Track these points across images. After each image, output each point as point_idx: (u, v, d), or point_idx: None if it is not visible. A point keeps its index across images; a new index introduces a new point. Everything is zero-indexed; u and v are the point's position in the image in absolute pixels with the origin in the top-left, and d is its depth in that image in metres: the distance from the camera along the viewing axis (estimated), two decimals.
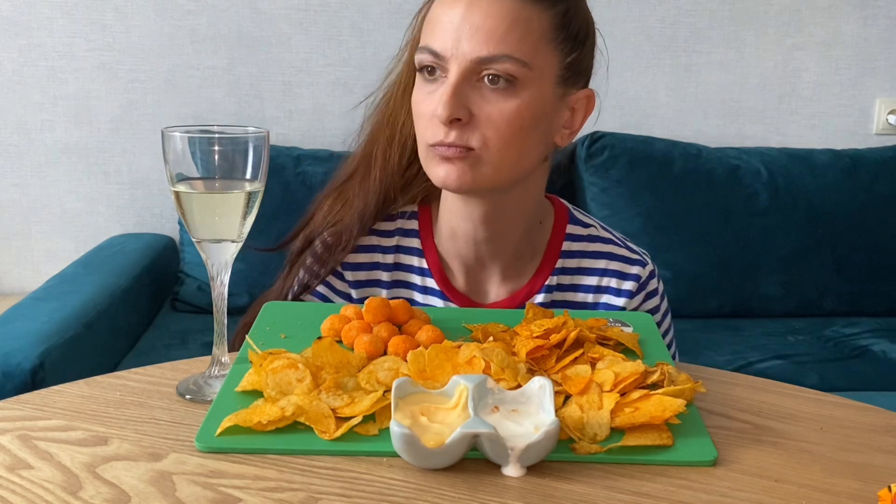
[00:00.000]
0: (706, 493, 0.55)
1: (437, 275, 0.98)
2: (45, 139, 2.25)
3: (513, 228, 0.96)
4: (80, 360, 1.57)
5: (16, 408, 0.64)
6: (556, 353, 0.70)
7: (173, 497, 0.52)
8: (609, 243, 1.00)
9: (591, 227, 1.01)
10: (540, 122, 0.87)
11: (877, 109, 2.49)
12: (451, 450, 0.55)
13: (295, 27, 2.27)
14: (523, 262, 0.99)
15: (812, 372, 1.89)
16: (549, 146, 0.92)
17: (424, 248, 0.99)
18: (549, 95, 0.87)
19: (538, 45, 0.85)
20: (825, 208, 2.26)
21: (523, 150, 0.87)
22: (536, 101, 0.86)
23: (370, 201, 0.97)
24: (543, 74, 0.86)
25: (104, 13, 2.21)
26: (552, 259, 0.99)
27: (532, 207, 0.97)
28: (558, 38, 0.87)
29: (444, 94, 0.84)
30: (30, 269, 2.33)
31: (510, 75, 0.84)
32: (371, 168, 0.98)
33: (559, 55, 0.87)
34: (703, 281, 2.18)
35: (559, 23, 0.87)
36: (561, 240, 0.99)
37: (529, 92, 0.85)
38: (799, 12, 2.40)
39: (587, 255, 1.00)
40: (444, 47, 0.85)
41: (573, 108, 0.92)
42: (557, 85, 0.88)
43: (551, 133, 0.91)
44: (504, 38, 0.83)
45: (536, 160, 0.91)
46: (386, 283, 1.00)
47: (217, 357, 0.70)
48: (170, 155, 0.65)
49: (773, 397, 0.72)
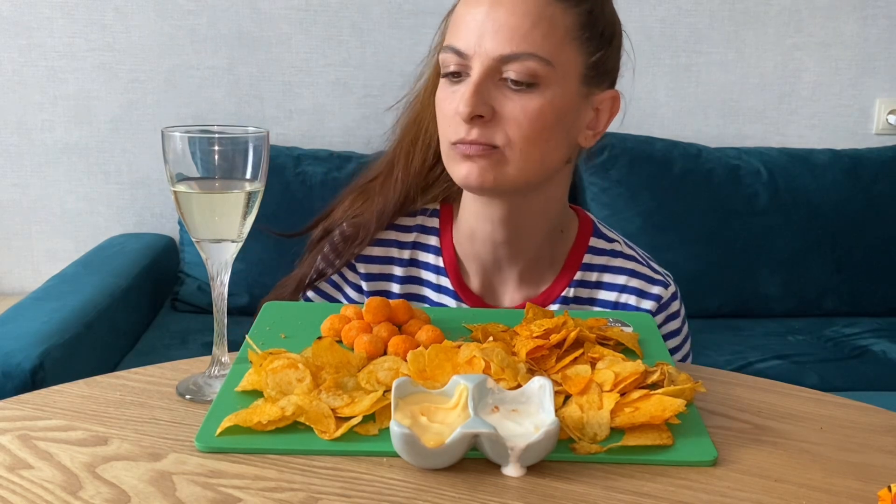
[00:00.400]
0: (706, 493, 0.55)
1: (452, 275, 0.98)
2: (45, 139, 2.25)
3: (533, 232, 0.95)
4: (80, 360, 1.57)
5: (16, 408, 0.64)
6: (556, 353, 0.70)
7: (173, 497, 0.52)
8: (632, 260, 0.99)
9: (616, 242, 1.00)
10: (563, 121, 0.87)
11: (877, 109, 2.49)
12: (451, 450, 0.55)
13: (295, 27, 2.27)
14: (541, 269, 0.97)
15: (812, 372, 1.89)
16: (573, 147, 0.91)
17: (443, 246, 0.99)
18: (572, 94, 0.87)
19: (562, 42, 0.84)
20: (825, 208, 2.26)
21: (546, 149, 0.86)
22: (560, 100, 0.85)
23: (390, 201, 0.97)
24: (567, 73, 0.85)
25: (104, 13, 2.21)
26: (571, 270, 0.98)
27: (554, 212, 0.95)
28: (583, 37, 0.86)
29: (467, 91, 0.83)
30: (30, 269, 2.33)
31: (533, 73, 0.83)
32: (394, 168, 0.98)
33: (583, 54, 0.87)
34: (703, 281, 2.18)
35: (584, 21, 0.86)
36: (582, 252, 0.98)
37: (553, 90, 0.84)
38: (799, 12, 2.40)
39: (608, 269, 0.98)
40: (467, 45, 0.85)
41: (598, 109, 0.91)
42: (582, 84, 0.87)
43: (574, 133, 0.90)
44: (527, 36, 0.83)
45: (559, 160, 0.90)
46: (399, 279, 0.99)
47: (217, 357, 0.70)
48: (170, 155, 0.65)
49: (773, 397, 0.72)
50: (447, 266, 0.98)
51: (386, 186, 0.98)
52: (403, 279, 0.99)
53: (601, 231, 1.01)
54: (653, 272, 0.99)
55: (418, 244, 1.00)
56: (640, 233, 2.12)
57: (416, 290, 1.00)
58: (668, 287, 0.99)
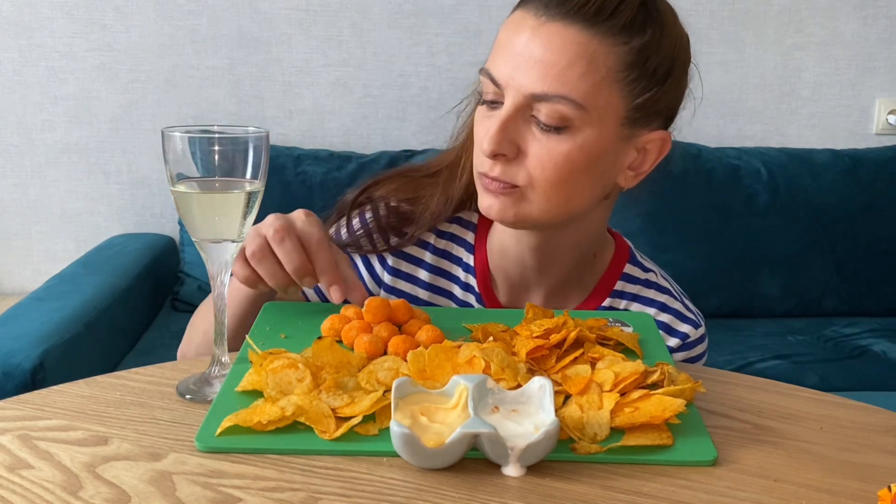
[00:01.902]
0: (706, 493, 0.55)
1: (482, 287, 0.96)
2: (45, 139, 2.26)
3: (563, 260, 0.92)
4: (80, 360, 1.58)
5: (16, 408, 0.64)
6: (556, 353, 0.70)
7: (173, 497, 0.52)
8: (665, 293, 0.96)
9: (651, 272, 0.97)
10: (596, 166, 0.82)
11: (877, 109, 2.49)
12: (451, 450, 0.55)
13: (295, 27, 2.27)
14: (567, 291, 0.95)
15: (812, 372, 1.89)
16: (609, 187, 0.86)
17: (476, 258, 0.96)
18: (610, 137, 0.81)
19: (601, 85, 0.78)
20: (825, 208, 2.26)
21: (573, 193, 0.82)
22: (593, 144, 0.80)
23: (452, 200, 0.94)
24: (605, 117, 0.80)
25: (104, 13, 2.21)
26: (602, 294, 0.95)
27: (588, 243, 0.93)
28: (628, 78, 0.80)
29: (493, 127, 0.80)
30: (30, 269, 2.33)
31: (564, 117, 0.78)
32: (457, 175, 0.95)
33: (627, 96, 0.80)
34: (703, 281, 2.18)
35: (632, 60, 0.79)
36: (615, 278, 0.95)
37: (585, 135, 0.79)
38: (799, 12, 2.40)
39: (639, 299, 0.95)
40: (501, 74, 0.80)
41: (644, 149, 0.85)
42: (623, 126, 0.82)
43: (611, 174, 0.85)
44: (561, 76, 0.77)
45: (588, 201, 0.85)
46: (424, 284, 0.97)
47: (217, 357, 0.70)
48: (170, 155, 0.65)
49: (773, 397, 0.72)
50: (478, 278, 0.96)
51: (449, 185, 0.95)
52: (429, 285, 0.97)
53: (637, 259, 0.98)
54: (685, 309, 0.96)
55: (448, 254, 0.97)
56: (640, 233, 2.12)
57: (442, 300, 0.97)
58: (697, 328, 0.96)
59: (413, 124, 2.36)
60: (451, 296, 0.98)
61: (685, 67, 0.87)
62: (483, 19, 2.31)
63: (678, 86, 0.86)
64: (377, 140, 2.34)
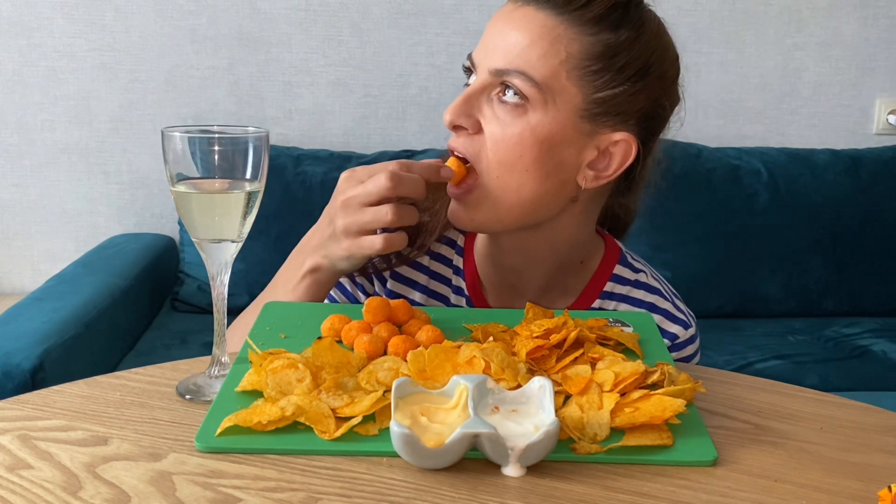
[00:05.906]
0: (706, 493, 0.55)
1: (471, 290, 0.96)
2: (45, 139, 2.26)
3: (542, 267, 0.92)
4: (80, 360, 1.57)
5: (16, 408, 0.64)
6: (556, 353, 0.70)
7: (173, 497, 0.52)
8: (655, 293, 0.95)
9: (641, 272, 0.97)
10: (548, 154, 0.82)
11: (877, 109, 2.49)
12: (451, 450, 0.55)
13: (295, 27, 2.27)
14: (552, 297, 0.95)
15: (812, 372, 1.89)
16: (569, 185, 0.85)
17: (465, 262, 0.97)
18: (564, 125, 0.81)
19: (559, 69, 0.80)
20: (825, 208, 2.26)
21: (525, 179, 0.82)
22: (545, 129, 0.81)
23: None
24: (561, 103, 0.81)
25: (104, 13, 2.21)
26: (590, 298, 0.95)
27: (566, 250, 0.92)
28: (591, 68, 0.80)
29: (456, 99, 0.83)
30: (30, 269, 2.33)
31: (520, 92, 0.80)
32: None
33: (586, 86, 0.81)
34: (703, 281, 2.18)
35: (598, 52, 0.80)
36: (604, 280, 0.95)
37: (538, 117, 0.81)
38: (799, 12, 2.40)
39: (627, 300, 0.95)
40: (475, 56, 0.85)
41: (608, 151, 0.84)
42: (582, 119, 0.82)
43: (568, 169, 0.84)
44: (523, 53, 0.80)
45: (546, 196, 0.84)
46: (421, 287, 0.97)
47: (217, 357, 0.70)
48: (170, 155, 0.65)
49: (773, 397, 0.72)
50: (468, 280, 0.96)
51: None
52: (425, 288, 0.97)
53: (628, 261, 0.97)
54: (675, 310, 0.95)
55: (442, 257, 0.98)
56: (639, 233, 2.12)
57: (437, 305, 0.97)
58: (687, 328, 0.95)
59: (413, 124, 2.36)
60: (446, 300, 0.98)
61: (664, 77, 0.86)
62: (483, 19, 2.31)
63: (650, 91, 0.84)
64: (377, 140, 2.35)
